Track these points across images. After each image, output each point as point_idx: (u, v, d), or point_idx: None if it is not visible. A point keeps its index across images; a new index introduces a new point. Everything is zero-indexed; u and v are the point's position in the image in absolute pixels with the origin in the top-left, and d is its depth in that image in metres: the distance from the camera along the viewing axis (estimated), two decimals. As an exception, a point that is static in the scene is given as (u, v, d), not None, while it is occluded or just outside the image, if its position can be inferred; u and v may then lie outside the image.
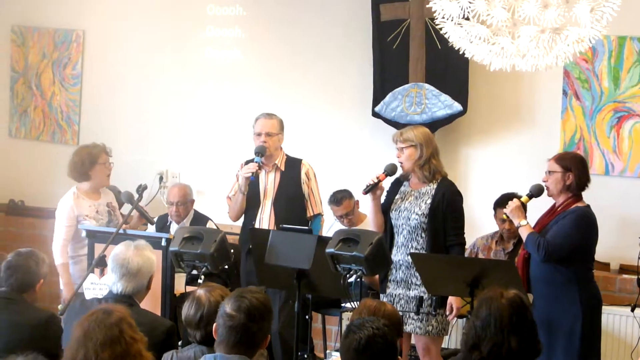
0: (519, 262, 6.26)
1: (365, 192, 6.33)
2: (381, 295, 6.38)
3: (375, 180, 6.32)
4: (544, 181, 6.26)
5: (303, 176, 7.18)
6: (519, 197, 6.33)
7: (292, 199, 7.14)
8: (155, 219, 8.02)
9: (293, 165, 7.22)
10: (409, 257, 6.22)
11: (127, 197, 7.12)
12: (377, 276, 6.63)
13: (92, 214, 7.26)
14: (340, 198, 7.85)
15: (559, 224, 6.13)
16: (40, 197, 9.62)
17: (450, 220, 6.32)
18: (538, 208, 6.52)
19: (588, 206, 6.22)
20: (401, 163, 6.39)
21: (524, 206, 6.32)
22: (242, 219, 7.29)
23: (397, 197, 6.44)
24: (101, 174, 7.34)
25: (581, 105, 7.63)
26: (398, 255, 6.31)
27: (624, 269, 7.49)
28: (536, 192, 6.30)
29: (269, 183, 7.17)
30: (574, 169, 6.18)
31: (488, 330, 4.02)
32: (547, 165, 6.29)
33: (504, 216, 6.39)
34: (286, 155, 7.26)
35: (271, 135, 7.12)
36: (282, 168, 7.18)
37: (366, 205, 6.59)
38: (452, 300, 6.33)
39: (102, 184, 7.38)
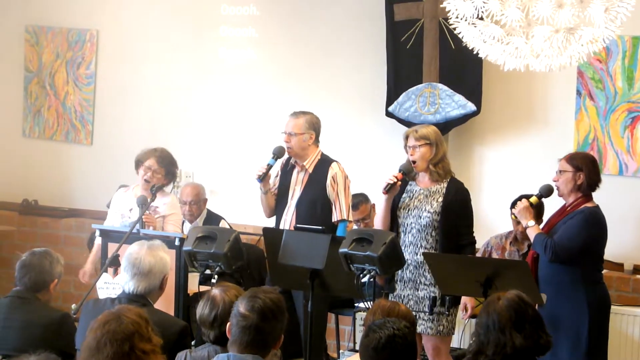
0: (528, 262, 6.25)
1: (386, 191, 6.28)
2: (389, 296, 6.33)
3: (394, 180, 6.29)
4: (555, 181, 6.26)
5: (329, 179, 6.85)
6: (528, 198, 6.32)
7: (315, 202, 6.84)
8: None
9: (322, 167, 6.90)
10: (418, 256, 6.22)
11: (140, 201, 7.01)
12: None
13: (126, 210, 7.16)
14: (357, 203, 7.71)
15: (567, 224, 6.12)
16: (53, 196, 9.64)
17: (463, 218, 6.33)
18: (549, 208, 6.52)
19: (597, 206, 6.21)
20: (414, 162, 6.35)
21: (536, 207, 6.31)
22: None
23: (404, 195, 6.40)
24: (140, 178, 7.21)
25: (595, 105, 7.61)
26: (405, 254, 6.21)
27: (637, 270, 7.47)
28: (545, 192, 6.29)
29: (297, 183, 6.93)
30: (585, 168, 6.17)
31: (490, 334, 4.04)
32: (558, 165, 6.29)
33: (513, 217, 6.39)
34: (321, 155, 6.97)
35: (294, 135, 6.86)
36: (310, 170, 6.90)
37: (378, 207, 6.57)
38: (466, 299, 6.32)
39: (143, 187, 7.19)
